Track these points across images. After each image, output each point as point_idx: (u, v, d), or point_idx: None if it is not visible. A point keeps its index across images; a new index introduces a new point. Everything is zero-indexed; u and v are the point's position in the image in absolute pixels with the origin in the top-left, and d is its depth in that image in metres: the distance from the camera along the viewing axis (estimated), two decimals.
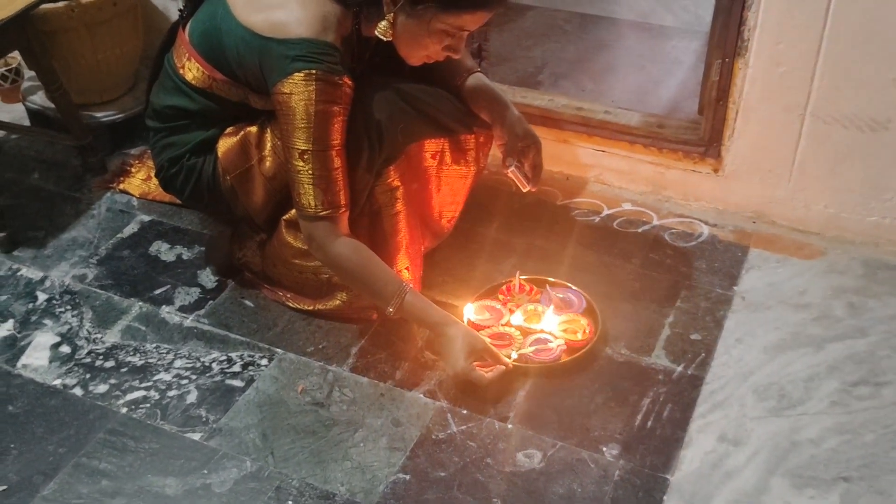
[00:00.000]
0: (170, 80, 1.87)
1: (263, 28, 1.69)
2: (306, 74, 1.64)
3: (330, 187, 1.72)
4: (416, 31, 1.70)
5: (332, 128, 1.69)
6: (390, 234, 1.88)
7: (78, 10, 2.33)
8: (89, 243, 2.22)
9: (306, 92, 1.65)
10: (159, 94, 1.91)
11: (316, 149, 1.69)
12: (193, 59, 1.81)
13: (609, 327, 1.93)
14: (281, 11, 1.68)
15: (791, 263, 2.09)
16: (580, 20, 3.11)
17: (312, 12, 1.67)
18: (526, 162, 1.96)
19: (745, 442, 1.69)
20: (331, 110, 1.68)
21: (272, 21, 1.68)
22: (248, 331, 1.96)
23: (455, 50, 1.76)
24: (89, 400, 1.82)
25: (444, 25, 1.69)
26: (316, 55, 1.65)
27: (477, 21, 1.71)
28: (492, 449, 1.69)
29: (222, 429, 1.75)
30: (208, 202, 1.96)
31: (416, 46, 1.74)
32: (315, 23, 1.66)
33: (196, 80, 1.82)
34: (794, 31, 1.94)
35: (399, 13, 1.68)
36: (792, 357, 1.85)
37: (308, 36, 1.65)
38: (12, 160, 2.52)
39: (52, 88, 2.32)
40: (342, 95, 1.69)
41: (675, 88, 2.67)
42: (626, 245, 2.16)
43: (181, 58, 1.84)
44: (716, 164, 2.19)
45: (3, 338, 1.97)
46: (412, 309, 1.78)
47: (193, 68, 1.81)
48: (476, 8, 1.68)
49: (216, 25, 1.76)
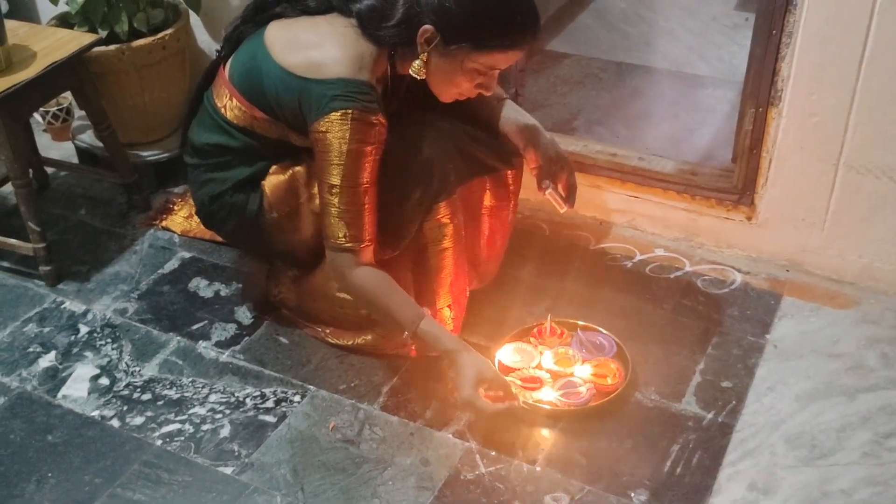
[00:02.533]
0: (209, 118, 1.93)
1: (301, 68, 1.75)
2: (343, 114, 1.70)
3: (355, 222, 1.76)
4: (449, 70, 1.75)
5: (362, 166, 1.74)
6: (435, 271, 1.92)
7: (128, 53, 2.41)
8: (131, 278, 2.28)
9: (341, 131, 1.70)
10: (199, 131, 1.96)
11: (345, 185, 1.74)
12: (234, 98, 1.86)
13: (639, 372, 1.93)
14: (318, 51, 1.74)
15: (824, 312, 2.08)
16: (616, 68, 3.15)
17: (349, 52, 1.73)
18: (560, 183, 1.98)
19: (775, 491, 1.68)
20: (363, 150, 1.73)
21: (310, 61, 1.74)
22: (282, 367, 1.99)
23: (487, 87, 1.81)
24: (126, 431, 1.85)
25: (476, 65, 1.73)
26: (352, 94, 1.70)
27: (509, 60, 1.76)
28: (520, 491, 1.70)
29: (254, 463, 1.77)
30: (248, 237, 2.01)
31: (449, 84, 1.79)
32: (351, 62, 1.72)
33: (236, 119, 1.87)
34: (827, 83, 1.96)
35: (432, 53, 1.73)
36: (824, 406, 1.84)
37: (345, 76, 1.71)
38: (60, 196, 2.60)
39: (100, 128, 2.40)
40: (376, 134, 1.74)
41: (708, 137, 2.69)
42: (657, 290, 2.17)
43: (221, 97, 1.89)
44: (749, 212, 2.20)
45: (45, 369, 2.02)
46: (426, 336, 1.80)
47: (234, 107, 1.87)
48: (508, 48, 1.72)
49: (256, 66, 1.82)
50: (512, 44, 1.72)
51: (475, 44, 1.70)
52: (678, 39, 3.33)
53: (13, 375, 2.00)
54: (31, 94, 2.18)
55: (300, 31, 1.80)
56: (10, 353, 2.06)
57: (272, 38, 1.81)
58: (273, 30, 1.83)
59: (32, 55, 2.21)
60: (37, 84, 2.16)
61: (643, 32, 3.40)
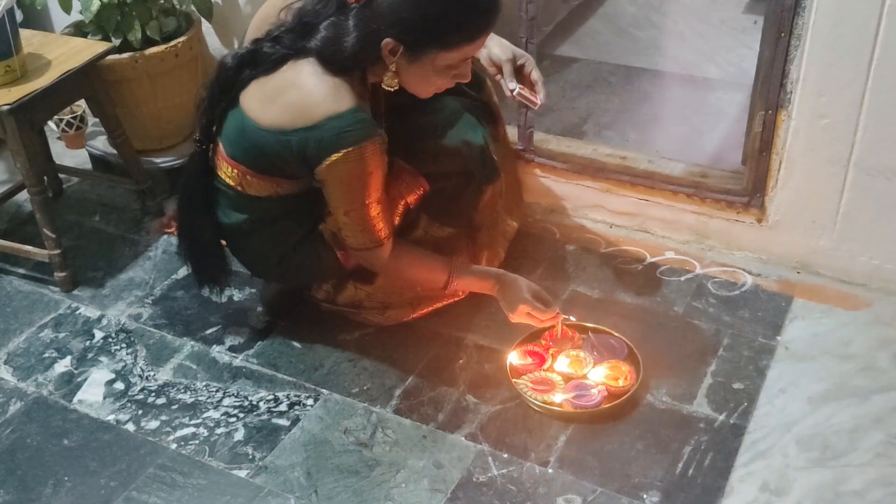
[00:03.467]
0: (232, 200, 1.92)
1: (288, 120, 1.73)
2: (344, 154, 1.70)
3: (371, 230, 1.83)
4: (421, 73, 1.75)
5: (369, 189, 1.77)
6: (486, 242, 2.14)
7: (141, 61, 2.43)
8: (145, 284, 2.30)
9: (345, 169, 1.73)
10: (227, 213, 1.94)
11: (355, 208, 1.79)
12: (248, 175, 1.85)
13: (651, 374, 1.94)
14: (294, 94, 1.72)
15: (836, 314, 2.08)
16: (625, 72, 3.15)
17: (323, 88, 1.71)
18: (526, 79, 1.99)
19: (787, 492, 1.68)
20: (366, 177, 1.75)
21: (291, 109, 1.73)
22: (295, 371, 2.01)
23: (463, 76, 1.81)
24: (141, 435, 1.87)
25: (447, 61, 1.74)
26: (345, 129, 1.69)
27: (477, 47, 1.76)
28: (532, 493, 1.70)
29: (268, 466, 1.78)
30: (323, 275, 2.04)
31: (426, 84, 1.79)
32: (330, 97, 1.70)
33: (260, 192, 1.88)
34: (836, 85, 1.97)
35: (400, 62, 1.72)
36: (836, 408, 1.84)
37: (330, 113, 1.69)
38: (75, 203, 2.63)
39: (114, 135, 2.42)
40: (377, 157, 1.74)
41: (718, 139, 2.69)
42: (668, 293, 2.17)
43: (234, 177, 1.87)
44: (759, 214, 2.21)
45: (61, 374, 2.04)
46: (464, 278, 1.95)
47: (253, 183, 1.86)
48: (473, 37, 1.72)
49: (250, 139, 1.80)
50: (476, 32, 1.71)
51: (440, 44, 1.70)
52: (687, 43, 3.34)
53: (29, 380, 2.02)
54: (46, 102, 2.20)
55: (269, 87, 1.77)
56: (26, 358, 2.08)
57: (249, 106, 1.79)
58: (245, 98, 1.80)
59: (47, 64, 2.24)
60: (51, 92, 2.19)
61: (652, 36, 3.41)
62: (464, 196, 2.04)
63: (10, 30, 2.12)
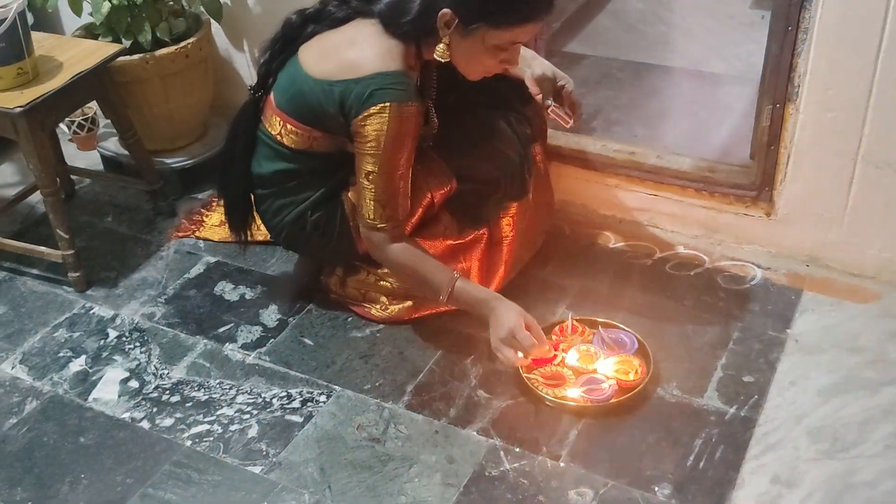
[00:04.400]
0: (268, 149, 1.99)
1: (337, 72, 1.83)
2: (381, 108, 1.77)
3: (390, 204, 1.86)
4: (471, 49, 1.81)
5: (398, 153, 1.82)
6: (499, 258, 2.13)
7: (152, 63, 2.45)
8: (158, 283, 2.32)
9: (380, 123, 1.78)
10: (261, 162, 2.01)
11: (381, 171, 1.83)
12: (289, 124, 1.93)
13: (661, 368, 1.94)
14: (349, 52, 1.82)
15: (845, 307, 2.09)
16: (634, 68, 3.16)
17: (377, 48, 1.81)
18: (563, 100, 2.04)
19: (798, 484, 1.68)
20: (400, 139, 1.81)
21: (343, 63, 1.82)
22: (308, 368, 2.02)
23: (511, 62, 1.87)
24: (156, 433, 1.89)
25: (497, 41, 1.79)
26: (389, 86, 1.78)
27: (528, 33, 1.81)
28: (544, 486, 1.72)
29: (282, 462, 1.80)
30: (334, 248, 2.06)
31: (474, 63, 1.85)
32: (382, 57, 1.80)
33: (294, 143, 1.94)
34: (843, 78, 1.97)
35: (453, 35, 1.79)
36: (846, 400, 1.85)
37: (380, 69, 1.79)
38: (87, 204, 2.65)
39: (126, 136, 2.44)
40: (413, 122, 1.81)
41: (726, 134, 2.69)
42: (678, 287, 2.18)
43: (275, 125, 1.95)
44: (768, 208, 2.21)
45: (76, 373, 2.06)
46: (462, 294, 1.91)
47: (290, 132, 1.93)
48: (525, 21, 1.78)
49: (298, 89, 1.89)
50: (528, 17, 1.77)
51: (493, 21, 1.76)
52: (695, 38, 3.34)
53: (45, 380, 2.04)
54: (58, 103, 2.22)
55: (328, 41, 1.88)
56: (41, 358, 2.10)
57: (305, 58, 1.90)
58: (304, 51, 1.91)
59: (58, 66, 2.26)
60: (63, 94, 2.21)
61: (661, 32, 3.41)
62: (487, 204, 2.07)
63: (21, 32, 2.14)
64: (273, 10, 2.54)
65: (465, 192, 2.04)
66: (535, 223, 2.21)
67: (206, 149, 2.66)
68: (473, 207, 2.06)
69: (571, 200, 2.43)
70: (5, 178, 2.79)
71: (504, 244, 2.10)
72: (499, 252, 2.10)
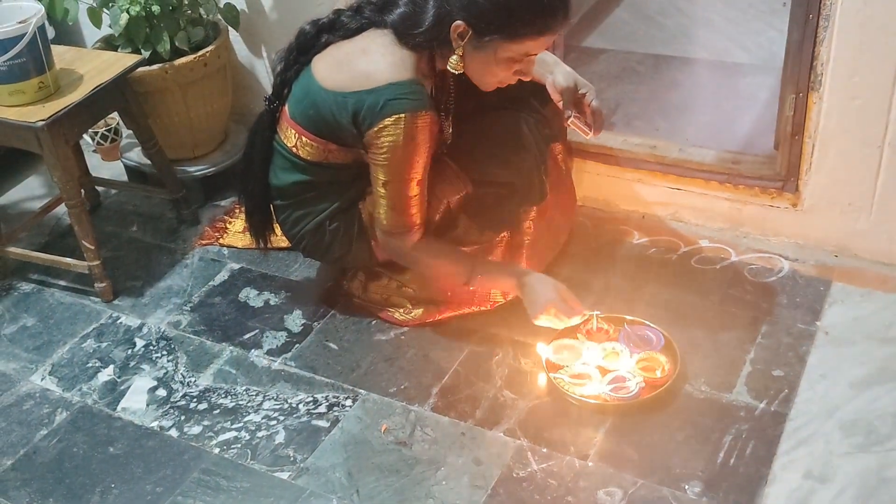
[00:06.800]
0: (284, 160, 2.00)
1: (349, 83, 1.82)
2: (395, 119, 1.77)
3: (405, 211, 1.87)
4: (484, 61, 1.80)
5: (414, 162, 1.82)
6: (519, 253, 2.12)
7: (171, 72, 2.46)
8: (183, 291, 2.33)
9: (394, 134, 1.78)
10: (278, 174, 2.03)
11: (397, 181, 1.84)
12: (304, 136, 1.93)
13: (689, 364, 1.92)
14: (363, 62, 1.82)
15: (875, 297, 2.05)
16: (653, 61, 3.13)
17: (390, 59, 1.80)
18: (585, 109, 2.01)
19: (831, 479, 1.66)
20: (415, 148, 1.80)
21: (356, 74, 1.82)
22: (333, 373, 2.02)
23: (525, 73, 1.86)
24: (184, 441, 1.90)
25: (510, 53, 1.78)
26: (402, 95, 1.77)
27: (540, 46, 1.80)
28: (572, 487, 1.70)
29: (309, 468, 1.80)
30: (355, 256, 2.07)
31: (487, 74, 1.84)
32: (395, 67, 1.80)
33: (310, 155, 1.95)
34: (868, 65, 1.94)
35: (467, 47, 1.78)
36: (879, 392, 1.82)
37: (393, 80, 1.78)
38: (112, 215, 2.67)
39: (148, 146, 2.46)
40: (427, 132, 1.80)
41: (749, 125, 2.66)
42: (704, 282, 2.16)
43: (290, 137, 1.96)
44: (794, 198, 2.18)
45: (105, 382, 2.08)
46: (488, 276, 1.97)
47: (305, 144, 1.94)
48: (539, 34, 1.76)
49: (312, 101, 1.89)
50: (542, 30, 1.76)
51: (506, 34, 1.75)
52: (716, 28, 3.30)
53: (74, 390, 2.06)
54: (80, 116, 2.24)
55: (341, 52, 1.88)
56: (70, 368, 2.12)
57: (318, 69, 1.90)
58: (317, 62, 1.91)
59: (79, 78, 2.28)
60: (85, 106, 2.22)
61: (680, 23, 3.37)
62: (505, 206, 2.05)
63: (42, 46, 2.16)
64: (290, 16, 2.55)
65: (484, 196, 2.03)
66: (557, 223, 2.19)
67: (226, 156, 2.67)
68: (492, 211, 2.05)
69: (593, 196, 2.41)
70: (32, 190, 2.82)
71: (524, 247, 2.09)
72: (519, 255, 2.10)
